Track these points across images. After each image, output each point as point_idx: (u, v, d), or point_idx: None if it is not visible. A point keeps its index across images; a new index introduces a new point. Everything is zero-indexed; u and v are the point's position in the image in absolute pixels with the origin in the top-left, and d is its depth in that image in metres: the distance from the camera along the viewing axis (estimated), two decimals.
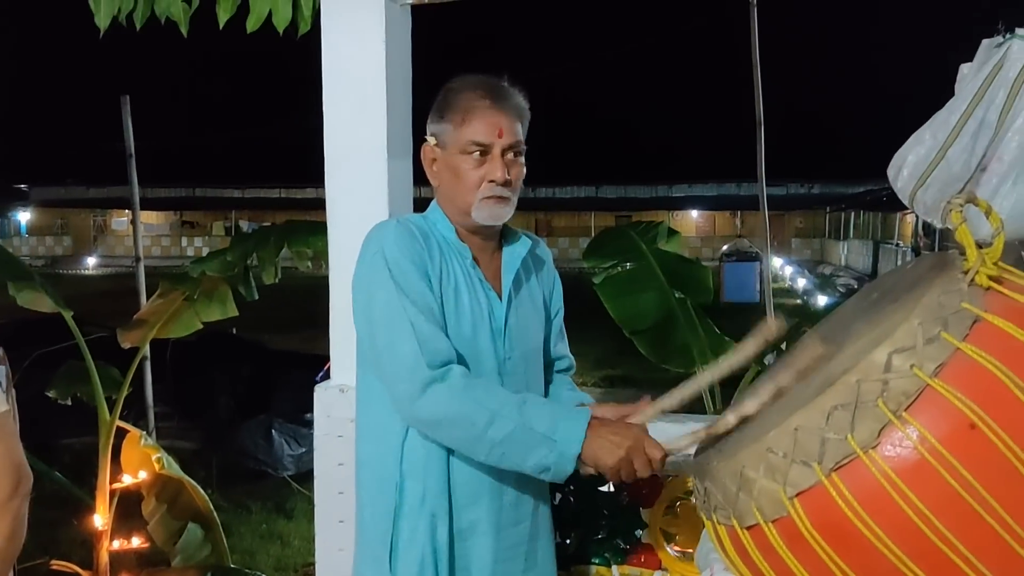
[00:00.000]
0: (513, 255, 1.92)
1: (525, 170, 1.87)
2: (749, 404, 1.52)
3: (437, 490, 1.78)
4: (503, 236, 1.94)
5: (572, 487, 2.31)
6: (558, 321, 2.07)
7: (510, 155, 1.83)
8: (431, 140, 1.86)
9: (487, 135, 1.79)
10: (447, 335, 1.74)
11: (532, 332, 1.95)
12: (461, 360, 1.75)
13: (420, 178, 2.01)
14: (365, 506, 1.86)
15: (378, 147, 2.29)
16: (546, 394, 2.02)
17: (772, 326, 1.60)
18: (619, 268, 4.19)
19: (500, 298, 1.87)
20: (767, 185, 6.42)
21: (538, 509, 1.92)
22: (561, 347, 2.08)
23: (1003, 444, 1.17)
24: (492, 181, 1.80)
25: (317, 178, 2.35)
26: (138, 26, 2.58)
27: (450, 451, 1.78)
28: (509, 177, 1.81)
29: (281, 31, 2.47)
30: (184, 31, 2.56)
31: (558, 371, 2.09)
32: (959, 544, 1.18)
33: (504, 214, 1.84)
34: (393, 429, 1.79)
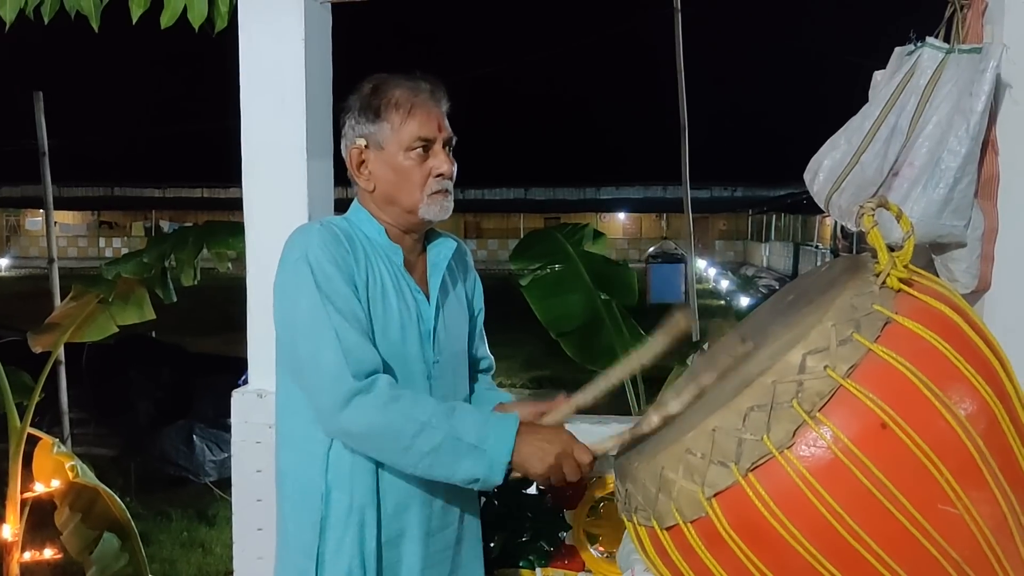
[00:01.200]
0: (439, 256, 1.89)
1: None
2: (672, 404, 1.53)
3: (365, 500, 1.74)
4: (427, 238, 1.91)
5: (495, 490, 2.30)
6: (479, 321, 2.05)
7: (447, 148, 1.82)
8: (360, 142, 1.80)
9: (431, 130, 1.78)
10: (373, 342, 1.71)
11: (459, 333, 1.93)
12: (389, 367, 1.72)
13: (341, 179, 1.97)
14: (288, 517, 1.81)
15: (297, 147, 2.24)
16: (470, 395, 2.01)
17: (680, 320, 1.61)
18: (546, 270, 4.20)
19: (428, 300, 1.85)
20: (692, 188, 6.53)
21: (466, 513, 1.91)
22: (482, 348, 2.07)
23: (913, 443, 1.20)
24: (440, 175, 1.79)
25: (240, 178, 2.30)
26: (46, 20, 2.49)
27: (378, 460, 1.75)
28: (452, 170, 1.81)
29: (197, 27, 2.41)
30: (95, 25, 2.48)
31: (480, 371, 2.07)
32: (871, 541, 1.21)
33: (449, 208, 1.82)
34: (316, 437, 1.74)
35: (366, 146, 1.81)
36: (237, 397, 2.26)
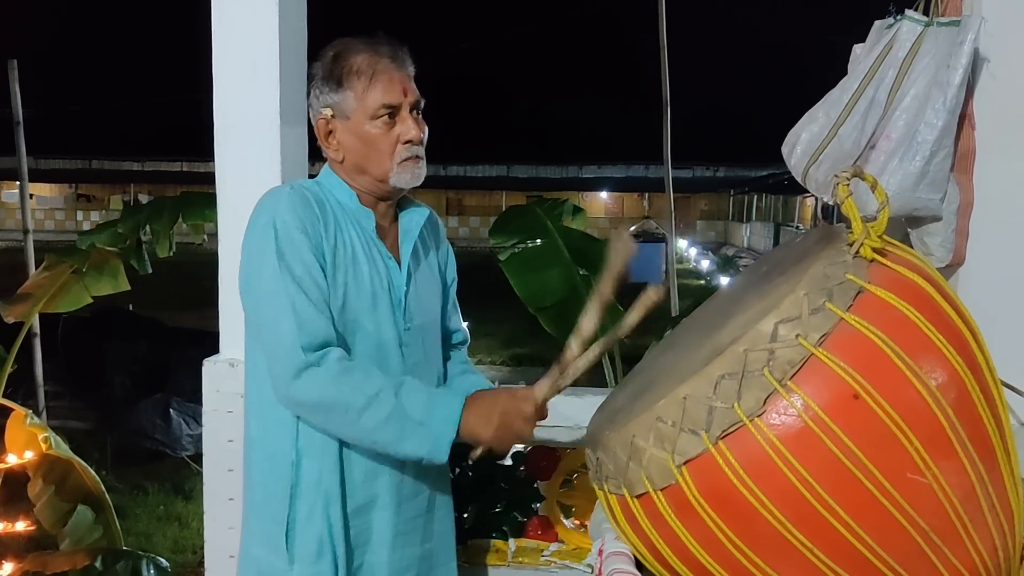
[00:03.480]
0: (411, 223, 1.87)
1: (427, 127, 1.83)
2: (586, 324, 1.60)
3: (335, 467, 1.73)
4: (399, 205, 1.89)
5: (469, 461, 2.29)
6: (452, 292, 2.03)
7: (415, 112, 1.79)
8: (326, 112, 1.77)
9: (395, 96, 1.74)
10: (338, 310, 1.69)
11: (431, 302, 1.91)
12: (356, 332, 1.71)
13: (315, 148, 1.94)
14: (256, 485, 1.80)
15: (271, 114, 2.20)
16: (445, 368, 1.99)
17: (652, 294, 1.61)
18: (525, 245, 4.18)
19: (399, 267, 1.83)
20: (673, 168, 6.53)
21: (437, 480, 1.90)
22: (455, 319, 2.05)
23: (883, 412, 1.20)
24: (408, 141, 1.76)
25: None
26: None
27: None
28: (421, 134, 1.78)
29: None
30: None
31: (454, 344, 2.06)
32: (840, 510, 1.21)
33: (421, 175, 1.80)
34: None
35: (332, 116, 1.78)
36: (208, 366, 2.24)
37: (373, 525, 1.78)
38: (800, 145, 2.07)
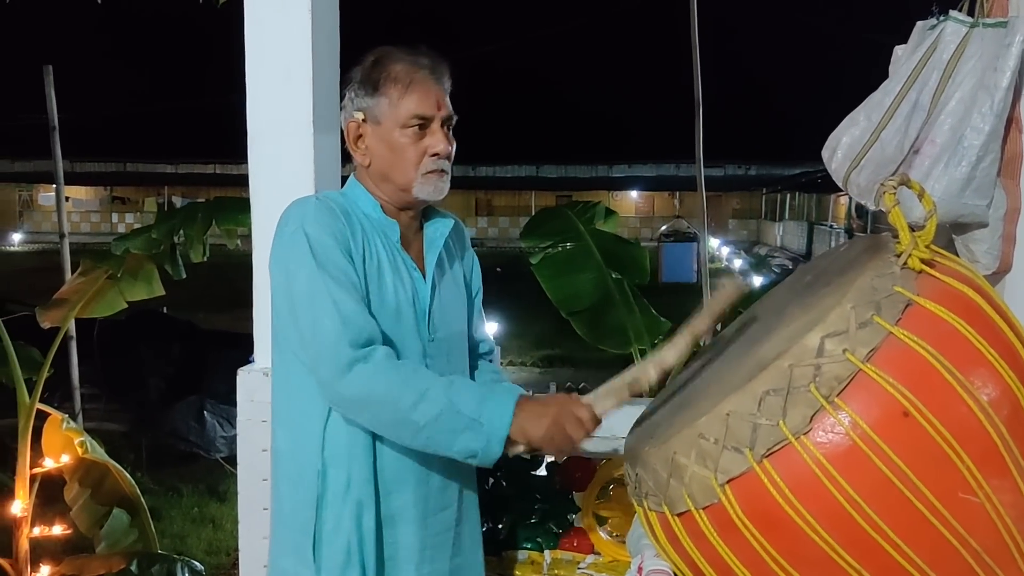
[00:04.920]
0: (436, 233, 1.86)
1: (455, 142, 1.82)
2: (668, 354, 1.53)
3: (363, 477, 1.72)
4: (425, 215, 1.88)
5: (501, 471, 2.27)
6: (478, 302, 2.02)
7: (446, 127, 1.78)
8: (358, 116, 1.77)
9: (429, 108, 1.74)
10: (371, 314, 1.68)
11: (456, 313, 1.89)
12: (385, 341, 1.69)
13: (348, 154, 1.93)
14: (284, 495, 1.79)
15: (303, 121, 2.19)
16: (472, 379, 1.97)
17: (731, 287, 1.57)
18: (556, 248, 4.16)
19: (424, 278, 1.81)
20: (705, 166, 6.46)
21: (464, 493, 1.88)
22: (482, 329, 2.03)
23: (934, 430, 1.16)
24: (435, 155, 1.75)
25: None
26: None
27: (375, 435, 1.72)
28: (449, 148, 1.77)
29: None
30: None
31: (480, 355, 2.04)
32: (889, 530, 1.17)
33: (445, 188, 1.79)
34: (312, 414, 1.72)
35: (364, 120, 1.77)
36: (243, 375, 2.23)
37: (400, 539, 1.77)
38: (841, 149, 2.03)
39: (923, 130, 1.91)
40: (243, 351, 2.35)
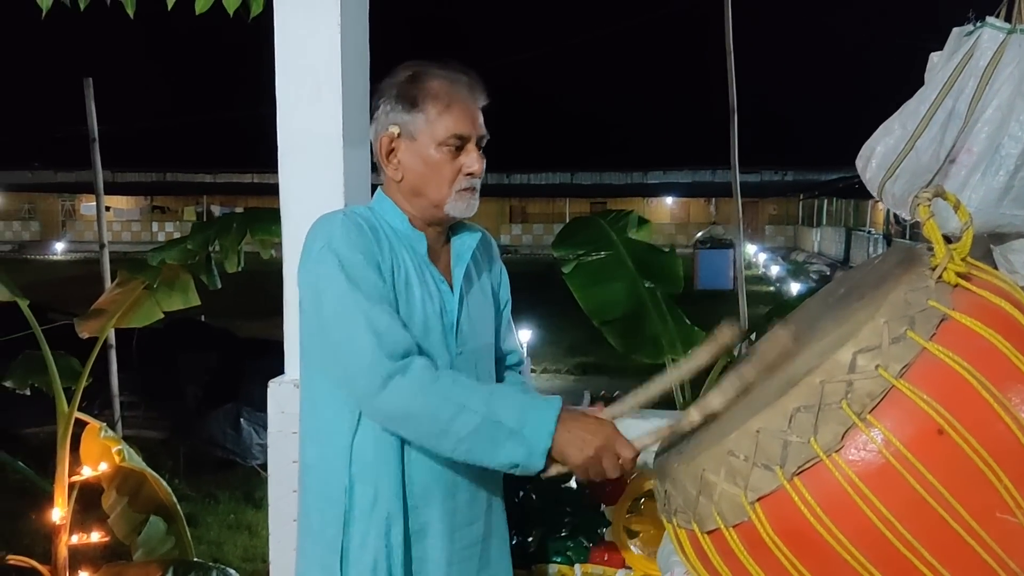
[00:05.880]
0: (464, 246, 1.86)
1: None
2: (714, 400, 1.48)
3: (390, 492, 1.71)
4: (452, 228, 1.88)
5: (530, 484, 2.26)
6: (506, 313, 2.01)
7: (479, 145, 1.78)
8: (393, 130, 1.76)
9: (467, 127, 1.73)
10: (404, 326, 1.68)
11: (484, 326, 1.89)
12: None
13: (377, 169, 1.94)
14: (311, 511, 1.80)
15: (333, 135, 2.21)
16: None
17: (727, 332, 1.55)
18: (589, 257, 4.13)
19: (452, 291, 1.81)
20: (741, 172, 6.40)
21: (492, 507, 1.87)
22: (511, 340, 2.02)
23: (970, 448, 1.14)
24: (470, 174, 1.75)
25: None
26: (82, 6, 2.48)
27: (402, 451, 1.72)
28: (483, 168, 1.77)
29: (231, 12, 2.39)
30: (130, 12, 2.47)
31: (509, 366, 2.03)
32: (924, 551, 1.15)
33: (475, 206, 1.79)
34: (340, 429, 1.72)
35: (398, 135, 1.76)
36: (273, 387, 2.25)
37: (428, 553, 1.76)
38: (875, 159, 2.00)
39: (959, 139, 1.88)
40: (279, 359, 2.37)
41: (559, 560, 2.25)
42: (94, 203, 5.88)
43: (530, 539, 2.26)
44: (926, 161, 1.91)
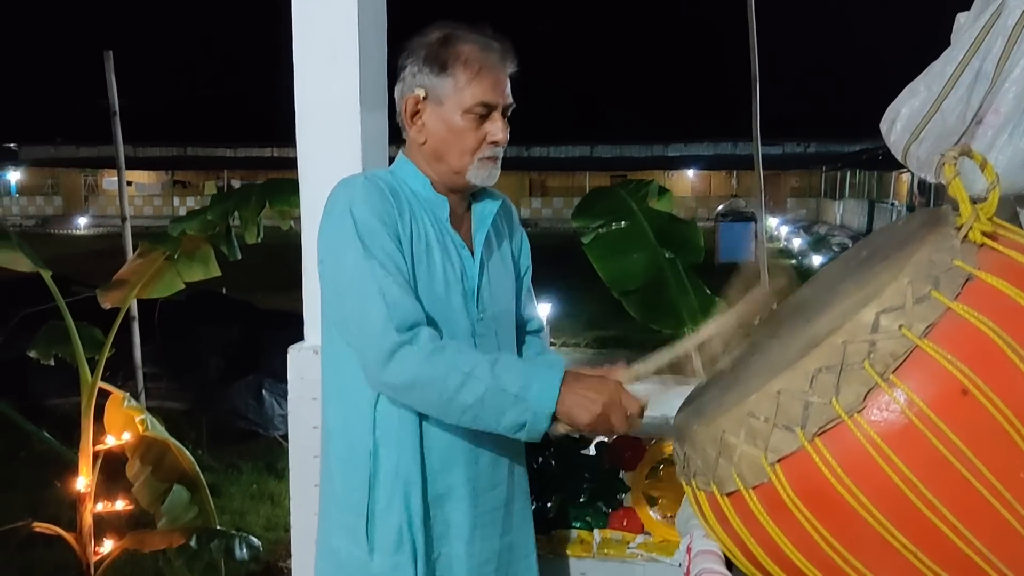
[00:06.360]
0: (484, 212, 1.85)
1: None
2: (707, 330, 1.54)
3: (411, 456, 1.72)
4: (473, 193, 1.86)
5: (550, 450, 2.27)
6: (527, 280, 2.00)
7: (505, 115, 1.76)
8: (419, 92, 1.73)
9: (496, 96, 1.72)
10: (417, 296, 1.68)
11: (504, 292, 1.88)
12: (432, 322, 1.68)
13: (395, 134, 1.92)
14: (335, 475, 1.80)
15: (351, 99, 2.20)
16: (520, 357, 1.96)
17: (759, 292, 1.54)
18: (608, 228, 4.11)
19: (472, 256, 1.80)
20: (763, 144, 6.34)
21: (514, 472, 1.88)
22: (530, 308, 2.02)
23: (994, 408, 1.12)
24: (494, 142, 1.74)
25: None
26: None
27: (423, 415, 1.72)
28: (507, 137, 1.76)
29: None
30: None
31: (529, 332, 2.02)
32: (946, 511, 1.13)
33: (497, 174, 1.79)
34: (363, 394, 1.72)
35: (424, 97, 1.74)
36: (293, 353, 2.26)
37: (451, 517, 1.77)
38: (900, 121, 1.96)
39: (986, 99, 1.84)
40: (300, 331, 2.38)
41: (578, 525, 2.25)
42: (116, 178, 5.90)
43: (549, 504, 2.27)
44: (952, 123, 1.88)
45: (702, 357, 1.60)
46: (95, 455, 3.78)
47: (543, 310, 1.85)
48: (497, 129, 1.73)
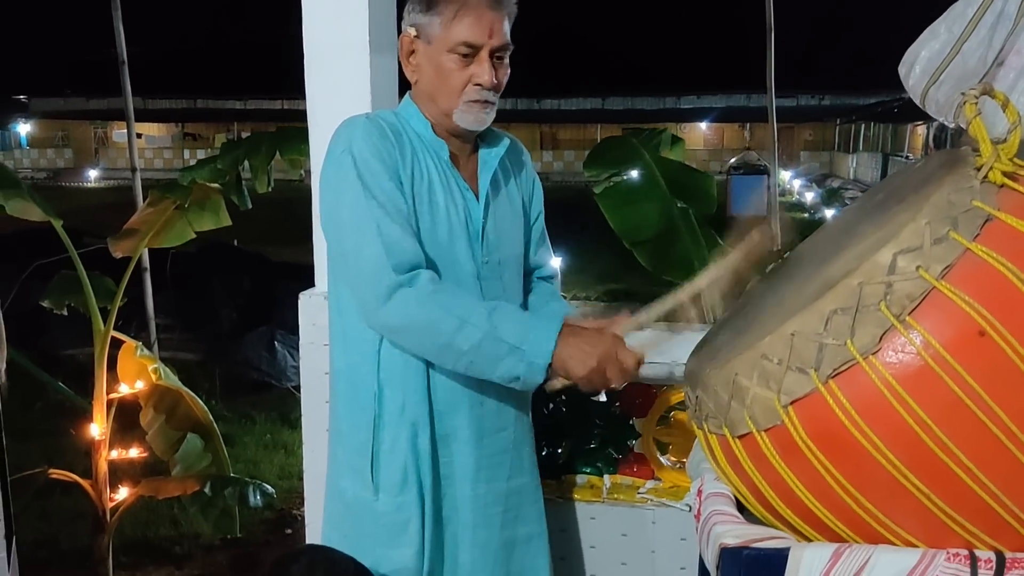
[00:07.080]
0: (490, 155, 1.82)
1: (509, 72, 1.76)
2: (700, 280, 1.54)
3: (417, 398, 1.73)
4: (480, 136, 1.84)
5: (563, 396, 2.27)
6: (539, 226, 1.98)
7: (497, 57, 1.72)
8: (411, 31, 1.73)
9: (479, 35, 1.67)
10: (418, 238, 1.67)
11: (511, 236, 1.86)
12: (434, 264, 1.68)
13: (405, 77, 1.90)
14: (342, 417, 1.81)
15: (360, 42, 2.17)
16: (526, 303, 1.94)
17: (756, 236, 1.53)
18: (620, 177, 4.07)
19: (477, 199, 1.78)
20: (777, 96, 6.25)
21: (520, 417, 1.88)
22: (543, 254, 2.00)
23: (1012, 350, 1.11)
24: (479, 84, 1.70)
25: None
26: None
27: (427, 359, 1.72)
28: (496, 80, 1.71)
29: None
30: None
31: (540, 278, 2.01)
32: (960, 454, 1.13)
33: (488, 119, 1.75)
34: (368, 336, 1.73)
35: (416, 36, 1.73)
36: (304, 300, 2.26)
37: (455, 457, 1.78)
38: (919, 64, 1.92)
39: (1008, 40, 1.80)
40: (312, 282, 2.38)
41: (589, 471, 2.26)
42: (125, 130, 5.87)
43: (559, 450, 2.27)
44: (973, 65, 1.84)
45: (701, 304, 1.59)
46: (109, 403, 3.80)
47: (554, 263, 1.83)
48: (483, 71, 1.69)
